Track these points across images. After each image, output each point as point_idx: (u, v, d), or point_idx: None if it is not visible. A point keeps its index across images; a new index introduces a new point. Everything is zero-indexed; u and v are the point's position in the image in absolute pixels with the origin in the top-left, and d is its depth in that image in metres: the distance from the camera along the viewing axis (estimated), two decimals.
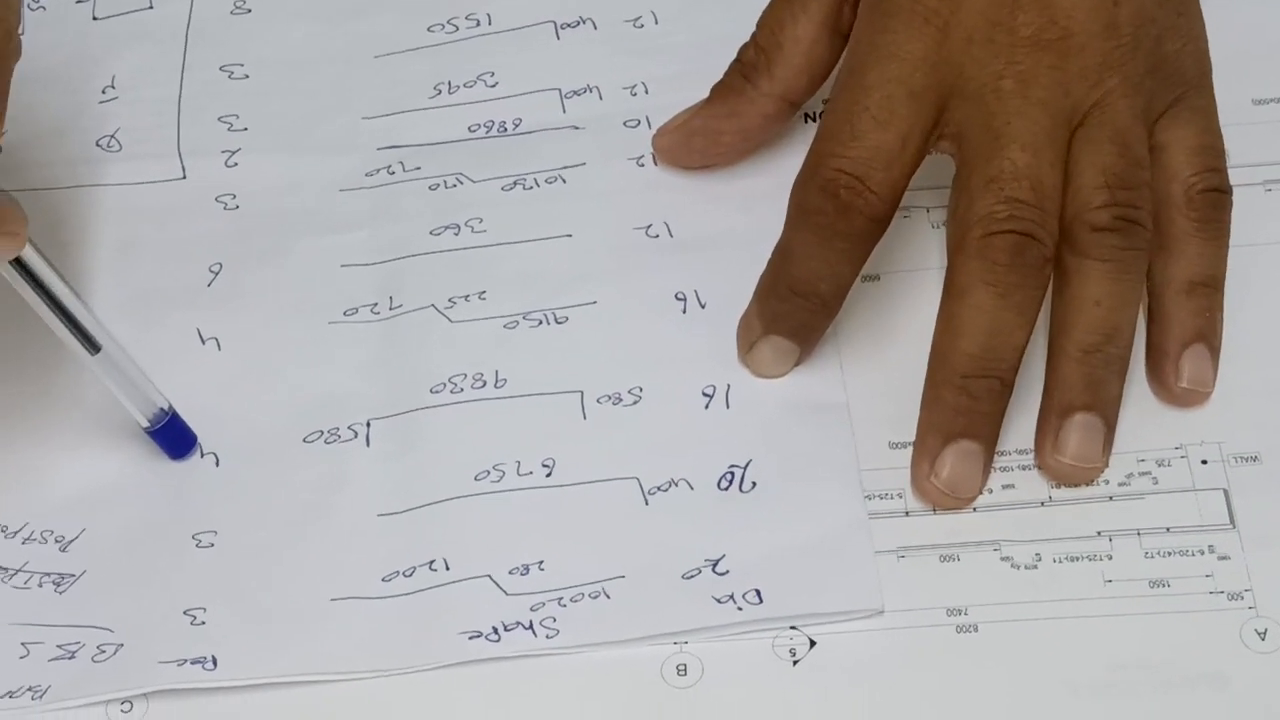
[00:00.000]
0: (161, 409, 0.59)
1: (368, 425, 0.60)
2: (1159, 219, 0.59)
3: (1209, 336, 0.59)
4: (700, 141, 0.64)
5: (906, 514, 0.57)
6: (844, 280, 0.58)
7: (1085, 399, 0.57)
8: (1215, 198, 0.60)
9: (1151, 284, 0.60)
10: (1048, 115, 0.57)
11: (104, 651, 0.56)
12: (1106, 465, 0.58)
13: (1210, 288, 0.60)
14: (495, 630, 0.55)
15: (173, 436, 0.59)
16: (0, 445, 0.60)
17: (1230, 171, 0.60)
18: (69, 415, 0.61)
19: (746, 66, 0.63)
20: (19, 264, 0.55)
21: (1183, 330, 0.59)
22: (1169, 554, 0.56)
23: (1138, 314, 0.59)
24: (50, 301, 0.56)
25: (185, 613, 0.56)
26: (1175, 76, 0.60)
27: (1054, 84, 0.58)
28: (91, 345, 0.57)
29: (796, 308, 0.59)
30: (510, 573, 0.56)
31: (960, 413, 0.57)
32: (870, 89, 0.58)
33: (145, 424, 0.59)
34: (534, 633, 0.55)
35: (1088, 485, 0.57)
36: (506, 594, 0.56)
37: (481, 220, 0.64)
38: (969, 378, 0.57)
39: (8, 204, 0.53)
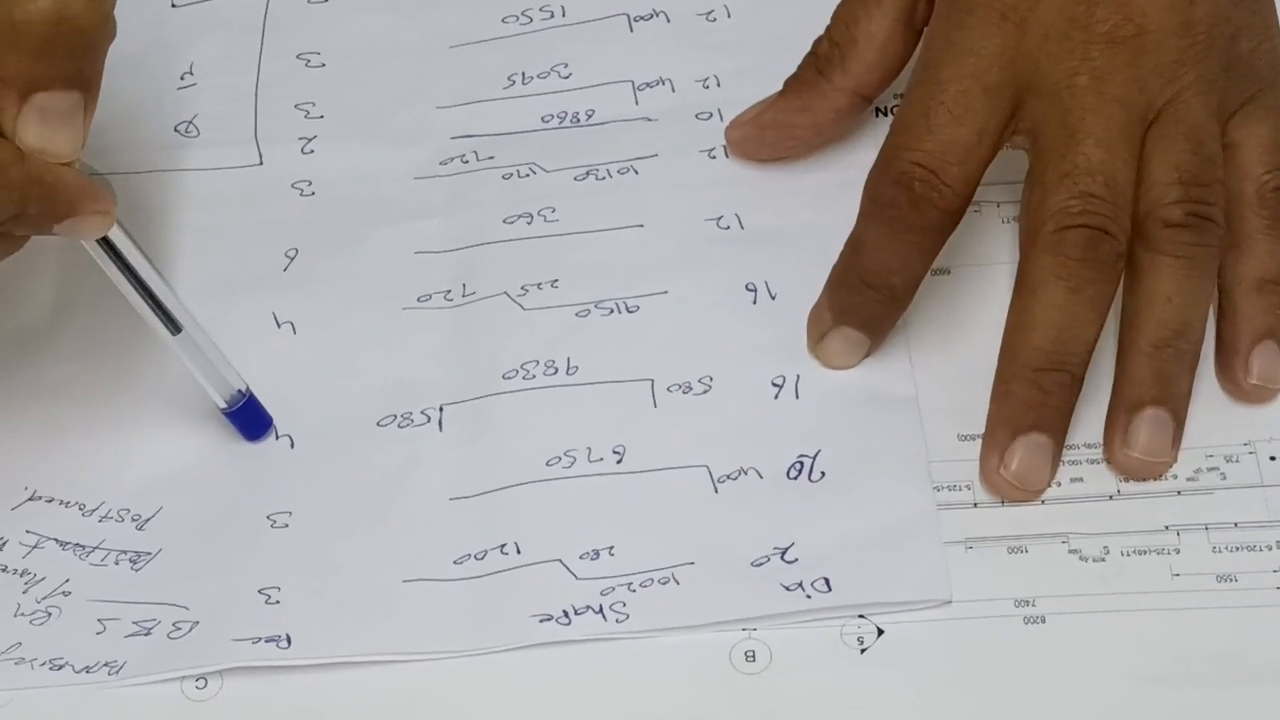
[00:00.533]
0: (239, 390, 0.59)
1: (440, 410, 0.60)
2: (1230, 216, 0.59)
3: (1279, 333, 0.59)
4: (773, 135, 0.64)
5: (975, 505, 0.57)
6: (915, 273, 0.59)
7: (1155, 394, 0.57)
8: None
9: (1222, 281, 0.60)
10: (1123, 111, 0.58)
11: (179, 629, 0.56)
12: (1175, 460, 0.58)
13: None
14: (565, 614, 0.55)
15: (249, 418, 0.60)
16: (77, 425, 0.61)
17: None
18: (146, 396, 0.61)
19: (820, 60, 0.63)
20: (106, 243, 0.55)
21: (1253, 327, 0.59)
22: (1236, 549, 0.56)
23: (1209, 310, 0.59)
24: (135, 281, 0.56)
25: (260, 591, 0.57)
26: (1249, 75, 0.60)
27: (1129, 81, 0.58)
28: (173, 326, 0.57)
29: (867, 300, 0.59)
30: (580, 557, 0.56)
31: (1031, 406, 0.57)
32: (946, 84, 0.58)
33: (223, 405, 0.59)
34: (604, 617, 0.55)
35: (1156, 480, 0.57)
36: (577, 578, 0.56)
37: (554, 210, 0.65)
38: (1040, 371, 0.57)
39: (99, 184, 0.54)
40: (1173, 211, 0.57)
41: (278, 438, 0.60)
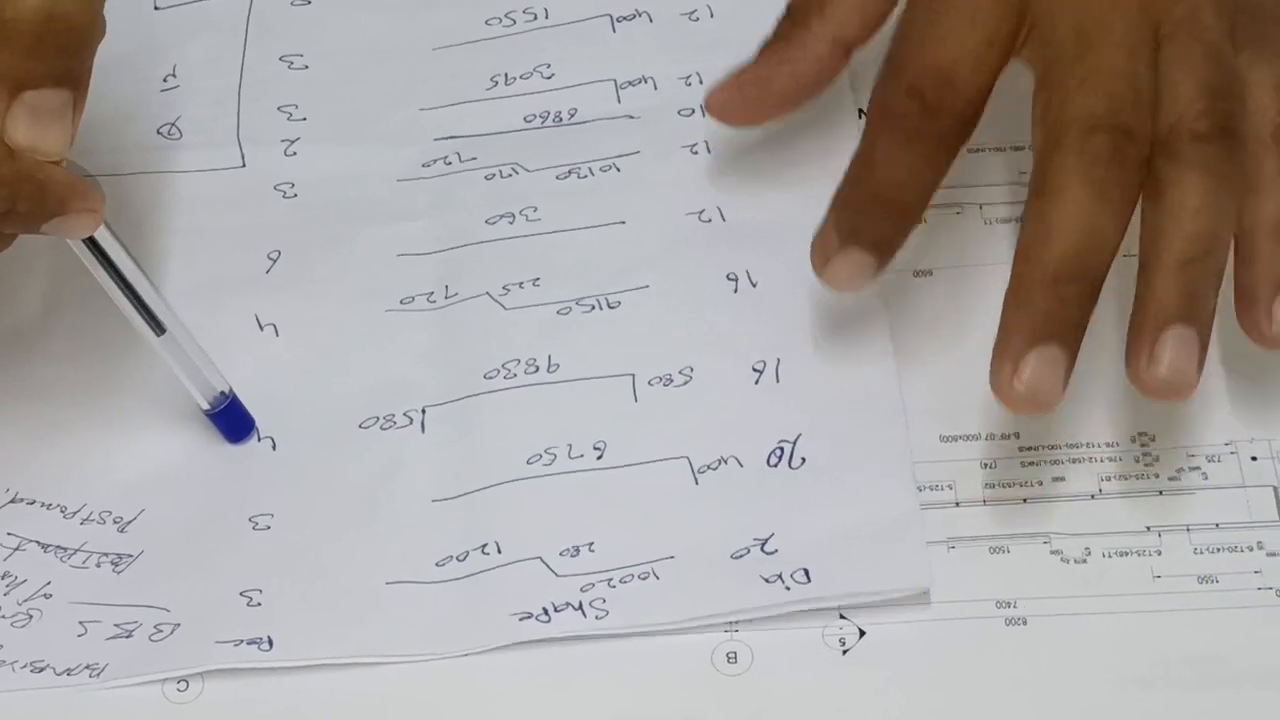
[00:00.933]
0: (222, 392, 0.59)
1: (423, 412, 0.60)
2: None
3: None
4: (752, 91, 0.61)
5: (957, 505, 0.57)
6: (927, 186, 0.56)
7: (1183, 311, 0.54)
8: None
9: (1240, 226, 0.56)
10: (1140, 15, 0.56)
11: (161, 631, 0.56)
12: (1197, 386, 0.55)
13: None
14: (545, 611, 0.55)
15: (231, 420, 0.60)
16: (59, 427, 0.61)
17: None
18: (129, 399, 0.61)
19: (796, 10, 0.61)
20: (92, 243, 0.55)
21: (1276, 272, 0.56)
22: (1218, 550, 0.56)
23: (1232, 235, 0.56)
24: (120, 282, 0.56)
25: (242, 594, 0.57)
26: (1258, 12, 0.58)
27: None
28: (158, 327, 0.57)
29: (877, 217, 0.56)
30: (560, 554, 0.56)
31: (1049, 318, 0.54)
32: None
33: (205, 406, 0.59)
34: (584, 613, 0.55)
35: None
36: (557, 575, 0.56)
37: (536, 209, 0.65)
38: (1061, 280, 0.54)
39: (88, 183, 0.54)
40: (1201, 123, 0.55)
41: (260, 440, 0.60)
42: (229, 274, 0.64)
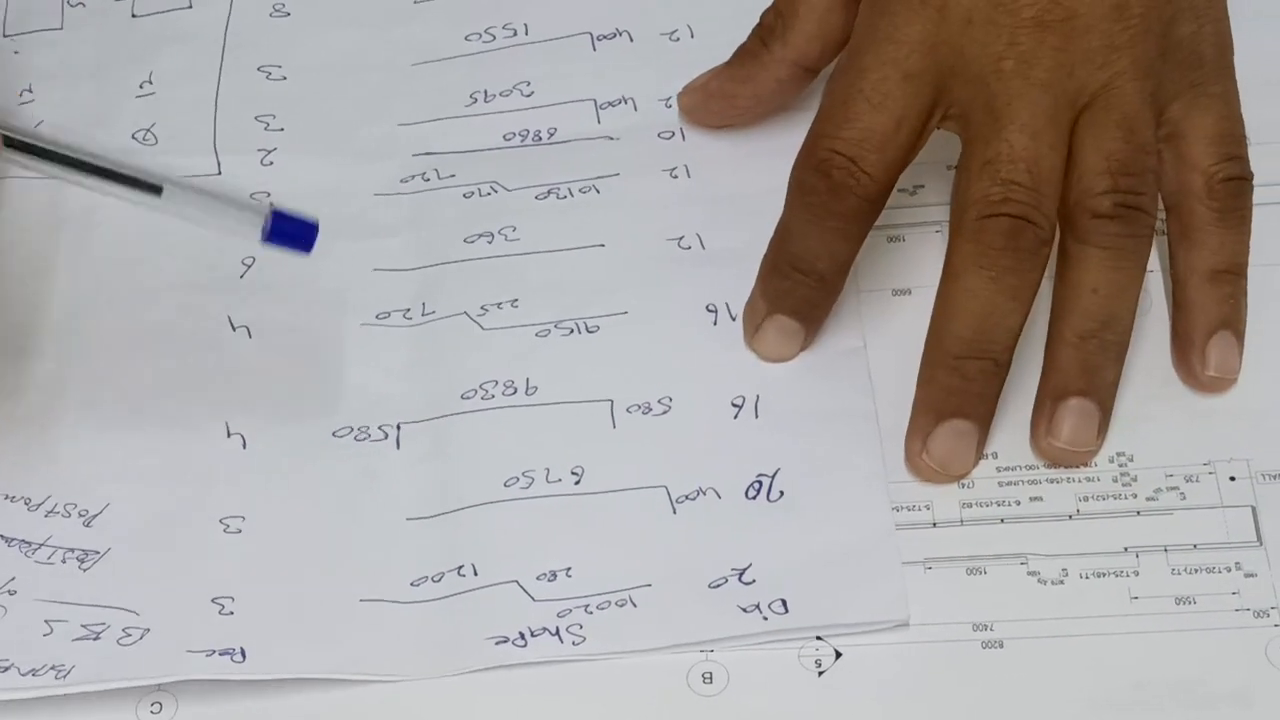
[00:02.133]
0: (266, 213, 0.55)
1: (398, 428, 0.60)
2: (1179, 209, 0.60)
3: (1234, 323, 0.59)
4: (717, 104, 0.65)
5: (934, 525, 0.57)
6: (841, 258, 0.59)
7: (1080, 384, 0.58)
8: (1236, 186, 0.60)
9: (1175, 273, 0.60)
10: (1049, 97, 0.57)
11: (130, 635, 0.56)
12: (1099, 448, 0.58)
13: (1234, 274, 0.60)
14: (522, 636, 0.55)
15: (293, 231, 0.55)
16: (22, 417, 0.60)
17: (1257, 190, 0.60)
18: (92, 387, 0.61)
19: (764, 30, 0.64)
20: (21, 146, 0.53)
21: (1207, 318, 0.59)
22: (1195, 571, 0.56)
23: (1138, 300, 0.58)
24: (81, 167, 0.55)
25: (213, 601, 0.56)
26: (1190, 60, 0.59)
27: (1057, 65, 0.57)
28: (153, 190, 0.55)
29: (798, 284, 0.59)
30: (538, 579, 0.56)
31: (953, 392, 0.57)
32: (866, 71, 0.58)
33: (259, 237, 0.55)
34: (560, 639, 0.55)
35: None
36: (534, 600, 0.56)
37: (515, 229, 0.64)
38: (962, 359, 0.57)
39: None
40: (1101, 202, 0.57)
41: (230, 435, 0.59)
42: (202, 276, 0.64)
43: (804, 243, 0.59)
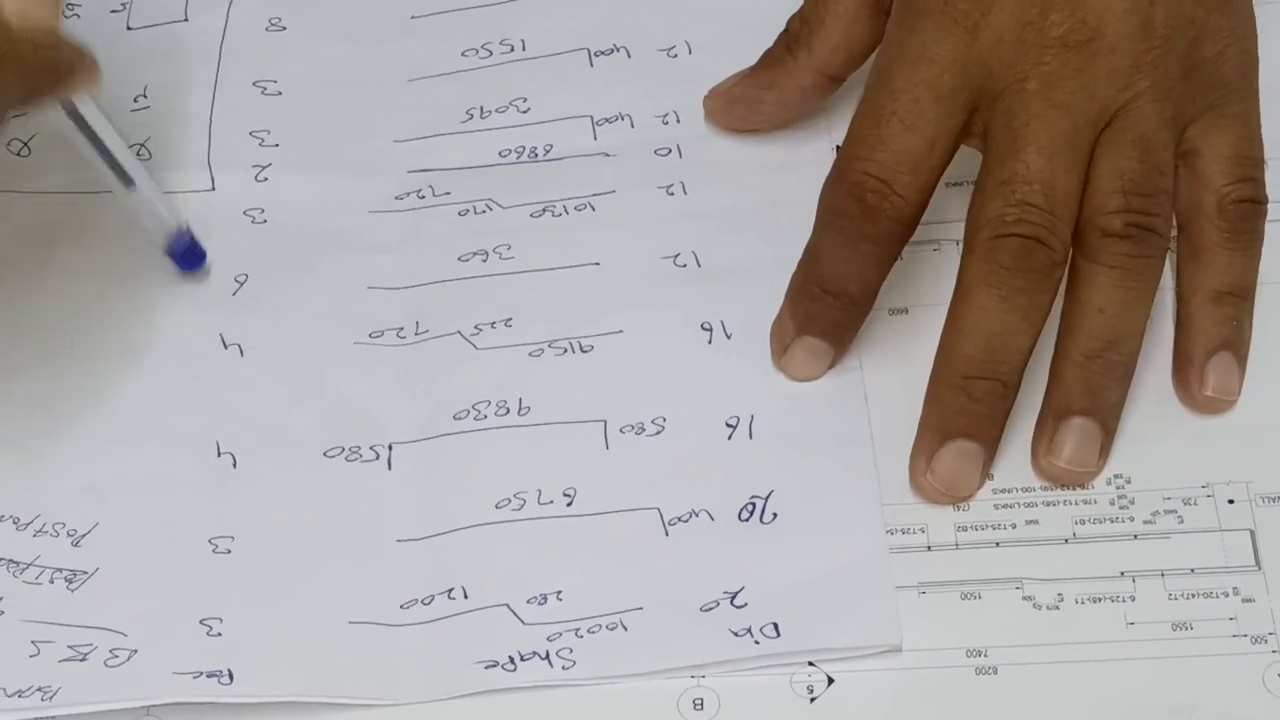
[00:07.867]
0: (179, 228, 0.63)
1: (390, 449, 0.60)
2: (1190, 227, 0.60)
3: (1235, 345, 0.59)
4: (741, 109, 0.66)
5: (928, 549, 0.57)
6: (871, 281, 0.59)
7: (1083, 404, 0.58)
8: (1248, 208, 0.59)
9: (1180, 291, 0.60)
10: (1069, 118, 0.57)
11: (117, 656, 0.55)
12: (1101, 470, 0.58)
13: (1238, 297, 0.59)
14: (512, 660, 0.55)
15: (188, 253, 0.63)
16: (10, 437, 0.60)
17: (1273, 207, 0.60)
18: (80, 404, 0.61)
19: (790, 37, 0.64)
20: (74, 110, 0.59)
21: (1208, 339, 0.59)
22: (1193, 596, 0.56)
23: (1146, 321, 0.58)
24: (97, 145, 0.60)
25: (201, 622, 0.56)
26: (1212, 80, 0.59)
27: (1079, 86, 0.57)
28: (128, 181, 0.61)
29: (827, 307, 0.59)
30: (528, 602, 0.56)
31: (959, 412, 0.57)
32: (898, 92, 0.58)
33: (163, 245, 0.62)
34: (550, 663, 0.55)
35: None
36: (524, 623, 0.56)
37: (510, 247, 0.64)
38: (970, 379, 0.57)
39: (81, 48, 0.57)
40: (1111, 221, 0.57)
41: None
42: (195, 291, 0.64)
43: (835, 265, 0.58)
